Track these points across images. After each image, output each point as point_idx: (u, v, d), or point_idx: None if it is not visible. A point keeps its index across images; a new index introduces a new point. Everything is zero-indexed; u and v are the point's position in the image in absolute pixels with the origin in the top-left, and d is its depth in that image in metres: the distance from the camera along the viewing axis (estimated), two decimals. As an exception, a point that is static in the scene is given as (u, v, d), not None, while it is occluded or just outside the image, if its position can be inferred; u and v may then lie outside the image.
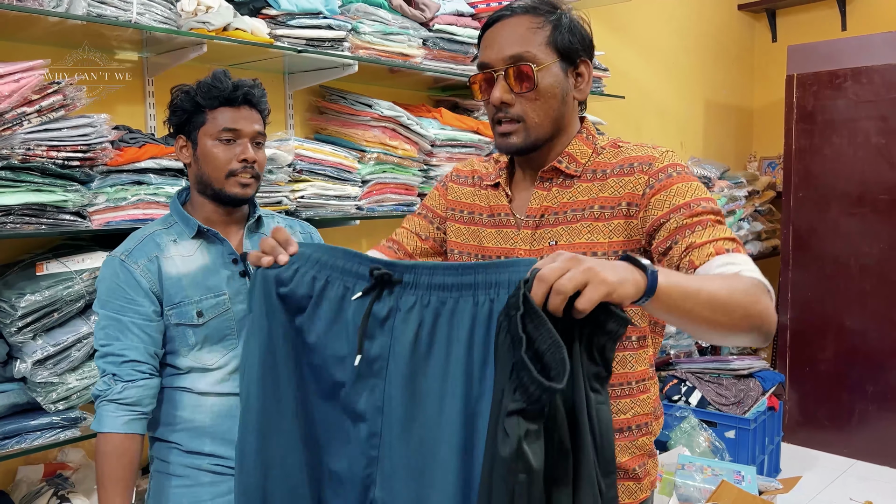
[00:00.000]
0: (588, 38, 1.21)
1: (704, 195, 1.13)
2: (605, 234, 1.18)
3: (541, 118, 1.19)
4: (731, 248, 1.07)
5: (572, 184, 1.23)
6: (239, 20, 2.05)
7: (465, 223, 1.35)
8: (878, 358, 3.78)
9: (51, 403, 1.73)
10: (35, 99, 1.65)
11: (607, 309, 0.82)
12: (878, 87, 3.75)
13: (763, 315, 0.98)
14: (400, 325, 0.96)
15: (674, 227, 1.11)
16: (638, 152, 1.20)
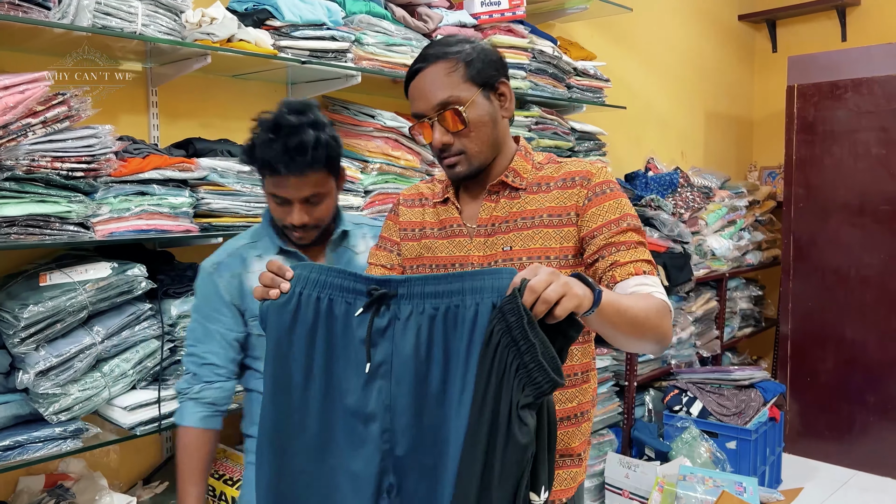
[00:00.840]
0: (499, 60, 1.35)
1: (630, 212, 1.33)
2: (557, 240, 1.33)
3: (479, 147, 1.33)
4: (648, 271, 1.27)
5: (519, 195, 1.37)
6: (243, 31, 2.06)
7: (416, 240, 1.45)
8: (879, 368, 3.78)
9: (53, 415, 1.72)
10: (40, 110, 1.65)
11: (572, 319, 0.98)
12: (878, 98, 3.76)
13: (665, 333, 1.22)
14: (400, 331, 1.06)
15: (602, 244, 1.29)
16: (577, 167, 1.37)
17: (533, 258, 1.33)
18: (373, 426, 1.07)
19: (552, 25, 3.46)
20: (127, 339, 1.85)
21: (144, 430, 1.86)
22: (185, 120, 2.28)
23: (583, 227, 1.32)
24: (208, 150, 2.08)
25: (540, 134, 3.00)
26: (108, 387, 1.82)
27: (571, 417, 1.38)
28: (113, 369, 1.83)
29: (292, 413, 1.09)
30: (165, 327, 1.92)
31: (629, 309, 1.13)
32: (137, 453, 2.20)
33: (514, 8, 2.78)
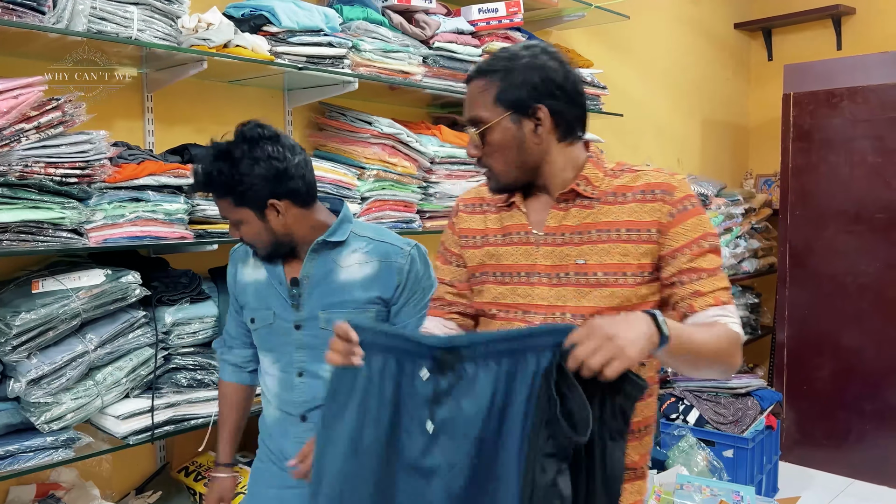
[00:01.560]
0: (543, 83, 1.28)
1: (710, 229, 1.30)
2: (636, 256, 1.29)
3: (502, 166, 1.32)
4: (726, 300, 1.27)
5: (592, 205, 1.33)
6: (239, 37, 2.05)
7: (477, 247, 1.43)
8: (875, 376, 3.77)
9: (45, 423, 1.70)
10: (34, 115, 1.64)
11: (628, 378, 1.03)
12: (873, 107, 3.77)
13: (733, 364, 1.25)
14: (464, 391, 1.10)
15: (683, 267, 1.28)
16: (657, 178, 1.32)
17: (609, 273, 1.30)
18: (435, 482, 1.11)
19: (549, 33, 3.46)
20: (120, 346, 1.83)
21: (138, 440, 1.84)
22: (181, 126, 2.26)
23: (664, 245, 1.29)
24: (204, 157, 2.06)
25: (537, 141, 3.00)
26: (101, 395, 1.80)
27: (635, 432, 1.36)
28: (106, 377, 1.81)
29: (355, 471, 1.14)
30: (159, 335, 1.90)
31: (698, 346, 1.17)
32: (130, 462, 2.17)
33: (512, 15, 2.78)
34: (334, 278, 1.63)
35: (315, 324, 1.62)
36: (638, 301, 1.30)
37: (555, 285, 1.34)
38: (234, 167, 1.53)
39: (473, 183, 2.72)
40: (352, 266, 1.63)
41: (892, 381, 3.73)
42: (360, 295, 1.61)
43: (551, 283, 1.34)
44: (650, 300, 1.32)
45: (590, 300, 1.31)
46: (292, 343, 1.65)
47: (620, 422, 1.05)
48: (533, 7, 3.09)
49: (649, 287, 1.31)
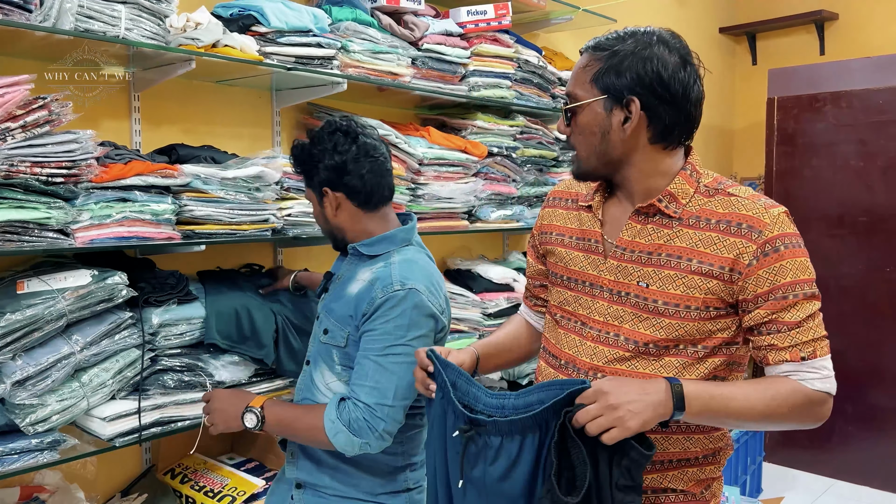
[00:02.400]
0: (648, 77, 1.19)
1: (804, 276, 1.18)
2: (702, 290, 1.20)
3: (585, 152, 1.27)
4: (807, 355, 1.18)
5: (671, 224, 1.24)
6: (228, 37, 2.04)
7: (554, 245, 1.41)
8: (857, 378, 3.82)
9: (30, 426, 1.68)
10: (20, 114, 1.61)
11: (630, 443, 1.07)
12: (856, 112, 3.82)
13: (806, 423, 1.20)
14: (492, 457, 1.19)
15: (763, 319, 1.19)
16: (749, 209, 1.20)
17: (669, 304, 1.22)
18: None
19: (537, 35, 3.47)
20: (107, 348, 1.81)
21: (124, 442, 1.82)
22: (168, 126, 2.25)
23: (744, 288, 1.19)
24: (192, 157, 2.05)
25: (525, 143, 3.01)
26: (87, 397, 1.78)
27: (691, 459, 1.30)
28: (92, 379, 1.79)
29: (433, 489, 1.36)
30: (146, 336, 1.88)
31: (739, 410, 1.15)
32: (115, 465, 2.15)
33: (500, 18, 2.79)
34: (345, 286, 1.68)
35: (320, 320, 1.73)
36: (702, 336, 1.23)
37: (615, 302, 1.28)
38: (311, 147, 1.69)
39: (462, 185, 2.73)
40: (357, 281, 1.65)
41: (874, 383, 3.78)
42: (343, 310, 1.65)
43: (611, 300, 1.28)
44: (718, 336, 1.23)
45: (646, 327, 1.24)
46: (314, 330, 1.77)
47: (628, 479, 1.08)
48: (521, 10, 3.11)
49: (717, 323, 1.23)
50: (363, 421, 1.53)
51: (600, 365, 1.28)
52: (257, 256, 2.45)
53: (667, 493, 1.30)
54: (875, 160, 3.77)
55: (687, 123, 1.24)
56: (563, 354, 1.35)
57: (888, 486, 3.70)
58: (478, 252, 3.18)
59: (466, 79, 2.75)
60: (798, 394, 1.17)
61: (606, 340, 1.28)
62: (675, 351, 1.24)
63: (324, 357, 1.68)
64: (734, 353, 1.27)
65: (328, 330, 1.67)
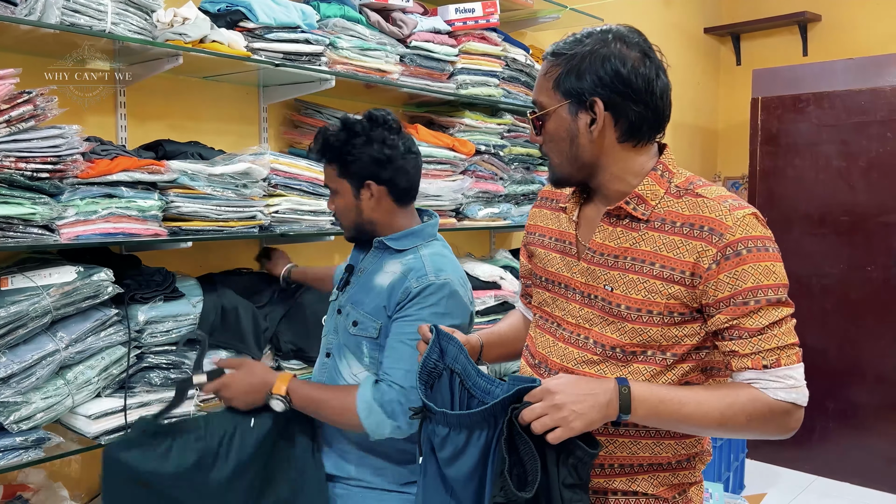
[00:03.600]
0: (609, 76, 1.17)
1: (768, 280, 1.14)
2: (664, 295, 1.18)
3: (558, 158, 1.25)
4: (770, 363, 1.14)
5: (639, 227, 1.21)
6: (215, 32, 2.02)
7: (537, 246, 1.41)
8: (838, 376, 3.87)
9: (14, 423, 1.66)
10: (4, 109, 1.59)
11: (575, 442, 1.09)
12: (839, 112, 3.86)
13: (769, 433, 1.18)
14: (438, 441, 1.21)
15: (725, 325, 1.16)
16: (713, 212, 1.16)
17: (632, 309, 1.20)
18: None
19: (524, 34, 3.48)
20: (92, 345, 1.80)
21: (109, 440, 1.81)
22: (155, 121, 2.23)
23: (705, 294, 1.16)
24: (178, 153, 2.04)
25: (512, 142, 3.01)
26: (72, 394, 1.76)
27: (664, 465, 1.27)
28: (77, 376, 1.77)
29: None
30: (132, 333, 1.87)
31: (688, 417, 1.13)
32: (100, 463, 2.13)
33: (488, 16, 2.79)
34: (373, 278, 1.67)
35: (346, 313, 1.70)
36: (669, 343, 1.20)
37: (585, 305, 1.27)
38: (351, 138, 1.66)
39: (450, 182, 2.73)
40: (386, 273, 1.65)
41: (855, 380, 3.83)
42: (374, 302, 1.64)
43: (582, 303, 1.27)
44: (686, 343, 1.20)
45: (612, 331, 1.23)
46: (332, 323, 1.75)
47: (575, 478, 1.10)
48: (509, 8, 3.11)
49: (684, 329, 1.19)
50: (398, 403, 1.53)
51: (570, 367, 1.27)
52: (244, 253, 2.44)
53: (637, 497, 1.27)
54: (857, 160, 3.82)
55: (654, 118, 1.21)
56: (538, 354, 1.35)
57: (869, 482, 3.75)
58: (465, 250, 3.18)
59: (454, 76, 2.75)
60: (758, 402, 1.13)
61: (577, 343, 1.28)
62: (644, 357, 1.21)
63: (352, 349, 1.66)
64: (706, 358, 1.23)
65: (358, 322, 1.65)
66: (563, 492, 1.09)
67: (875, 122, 3.76)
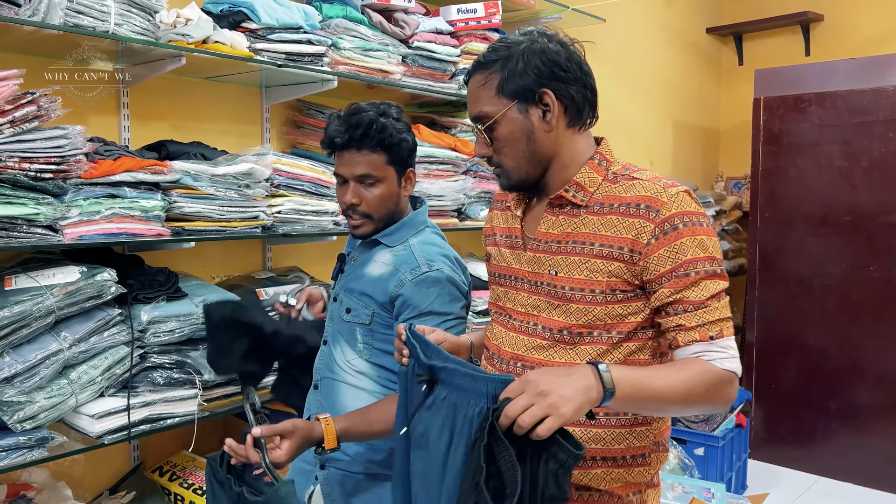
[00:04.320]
0: (547, 66, 1.22)
1: (705, 253, 1.18)
2: (605, 273, 1.21)
3: (514, 161, 1.27)
4: (715, 334, 1.17)
5: (579, 213, 1.26)
6: (218, 33, 2.03)
7: (491, 245, 1.44)
8: (839, 376, 3.86)
9: (17, 423, 1.67)
10: (8, 109, 1.61)
11: (559, 442, 0.99)
12: (841, 112, 3.86)
13: (717, 404, 1.18)
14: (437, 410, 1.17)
15: (668, 299, 1.18)
16: (648, 191, 1.21)
17: (575, 289, 1.23)
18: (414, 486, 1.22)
19: (526, 34, 3.48)
20: (95, 344, 1.80)
21: (113, 439, 1.82)
22: (157, 122, 2.24)
23: (646, 270, 1.19)
24: (181, 153, 2.04)
25: (514, 141, 3.02)
26: (76, 394, 1.77)
27: (618, 459, 1.26)
28: (80, 376, 1.78)
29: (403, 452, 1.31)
30: (135, 333, 1.87)
31: (660, 392, 1.12)
32: (103, 462, 2.14)
33: (490, 16, 2.80)
34: (364, 268, 1.68)
35: (340, 300, 1.70)
36: (614, 321, 1.23)
37: (532, 293, 1.30)
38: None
39: (452, 182, 2.73)
40: (378, 263, 1.66)
41: (856, 380, 3.83)
42: (367, 289, 1.64)
43: (530, 291, 1.30)
44: (631, 321, 1.23)
45: (558, 314, 1.25)
46: (329, 311, 1.76)
47: (554, 487, 1.00)
48: (511, 8, 3.11)
49: (628, 307, 1.22)
50: None
51: (521, 354, 1.30)
52: (246, 253, 2.45)
53: (590, 492, 1.27)
54: (859, 160, 3.81)
55: (592, 97, 1.28)
56: (491, 346, 1.38)
57: (870, 482, 3.75)
58: (467, 250, 3.19)
59: (456, 77, 2.75)
60: (710, 374, 1.15)
61: (526, 330, 1.30)
62: (590, 338, 1.24)
63: (345, 336, 1.67)
64: (652, 339, 1.25)
65: (351, 309, 1.65)
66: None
67: (877, 121, 3.76)
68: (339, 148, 1.61)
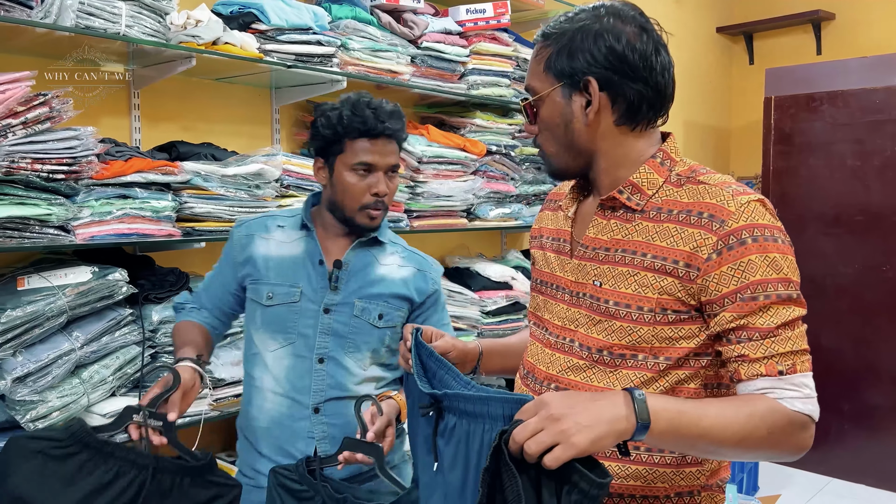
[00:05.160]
0: (604, 51, 1.07)
1: (778, 274, 1.02)
2: (655, 289, 1.06)
3: (554, 147, 1.14)
4: (786, 369, 1.01)
5: (633, 218, 1.11)
6: (228, 34, 2.04)
7: (538, 248, 1.30)
8: (853, 377, 3.83)
9: (30, 422, 1.68)
10: (21, 111, 1.62)
11: (578, 470, 0.85)
12: (853, 111, 3.83)
13: (784, 452, 1.00)
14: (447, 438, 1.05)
15: (731, 324, 1.02)
16: (714, 198, 1.05)
17: (621, 305, 1.08)
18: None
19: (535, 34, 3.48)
20: (107, 344, 1.82)
21: (124, 439, 1.82)
22: (168, 123, 2.25)
23: (705, 289, 1.03)
24: (192, 154, 2.06)
25: (523, 142, 3.02)
26: (87, 393, 1.78)
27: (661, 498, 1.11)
28: (92, 375, 1.79)
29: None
30: (146, 333, 1.88)
31: (710, 431, 0.95)
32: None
33: (499, 16, 2.80)
34: (373, 271, 1.64)
35: (348, 310, 1.59)
36: (662, 344, 1.06)
37: (572, 305, 1.15)
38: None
39: (461, 183, 2.73)
40: (391, 265, 1.66)
41: (870, 381, 3.80)
42: (397, 291, 1.64)
43: (570, 303, 1.16)
44: (682, 346, 1.06)
45: (599, 331, 1.10)
46: (316, 326, 1.58)
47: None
48: (520, 8, 3.11)
49: (680, 329, 1.06)
50: None
51: (555, 374, 1.16)
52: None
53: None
54: (871, 159, 3.78)
55: (656, 97, 1.10)
56: (527, 363, 1.24)
57: (883, 483, 3.71)
58: (476, 250, 3.19)
59: (465, 77, 2.75)
60: (777, 413, 0.98)
61: (562, 347, 1.16)
62: (633, 362, 1.08)
63: (372, 343, 1.61)
64: (706, 367, 1.09)
65: (383, 314, 1.61)
66: None
67: (890, 120, 3.73)
68: (372, 135, 1.55)
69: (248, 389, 1.66)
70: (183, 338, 1.61)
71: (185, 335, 1.62)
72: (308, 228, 1.62)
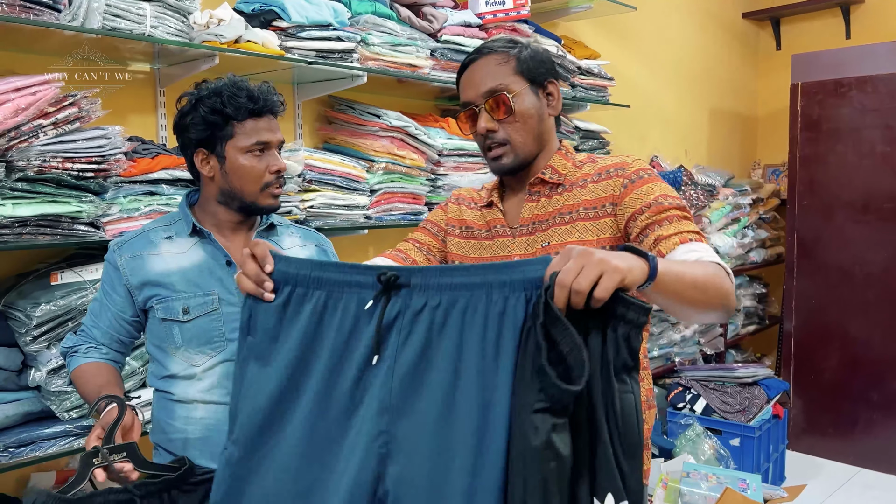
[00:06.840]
0: (549, 61, 1.40)
1: (670, 192, 1.30)
2: (594, 231, 1.33)
3: (524, 138, 1.36)
4: (694, 238, 1.22)
5: (558, 192, 1.38)
6: (250, 32, 2.08)
7: (462, 237, 1.49)
8: (882, 366, 3.78)
9: (64, 412, 1.75)
10: (51, 111, 1.67)
11: (625, 300, 0.88)
12: (882, 96, 3.76)
13: (729, 294, 1.14)
14: (407, 326, 0.96)
15: (643, 224, 1.27)
16: (612, 160, 1.38)
17: None
18: (369, 428, 0.96)
19: (556, 24, 3.47)
20: (137, 337, 1.87)
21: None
22: (193, 120, 2.29)
23: (622, 214, 1.30)
24: (216, 150, 2.10)
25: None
26: (119, 384, 1.84)
27: None
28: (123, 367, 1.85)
29: (274, 416, 1.01)
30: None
31: (687, 273, 1.06)
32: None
33: (519, 7, 2.80)
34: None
35: None
36: None
37: None
38: None
39: (481, 175, 2.75)
40: (293, 247, 1.65)
41: (900, 370, 3.75)
42: None
43: None
44: None
45: None
46: None
47: (626, 356, 0.87)
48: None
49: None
50: None
51: None
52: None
53: None
54: (901, 145, 3.72)
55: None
56: None
57: (914, 474, 3.68)
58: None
59: (485, 69, 2.76)
60: (710, 264, 1.14)
61: None
62: None
63: None
64: None
65: None
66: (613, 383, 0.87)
67: (921, 105, 3.66)
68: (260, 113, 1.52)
69: (164, 404, 1.55)
70: (96, 381, 1.46)
71: (96, 378, 1.47)
72: (201, 233, 1.53)
